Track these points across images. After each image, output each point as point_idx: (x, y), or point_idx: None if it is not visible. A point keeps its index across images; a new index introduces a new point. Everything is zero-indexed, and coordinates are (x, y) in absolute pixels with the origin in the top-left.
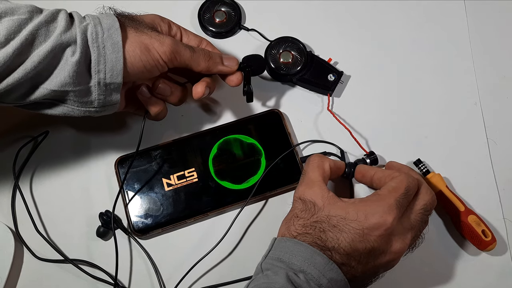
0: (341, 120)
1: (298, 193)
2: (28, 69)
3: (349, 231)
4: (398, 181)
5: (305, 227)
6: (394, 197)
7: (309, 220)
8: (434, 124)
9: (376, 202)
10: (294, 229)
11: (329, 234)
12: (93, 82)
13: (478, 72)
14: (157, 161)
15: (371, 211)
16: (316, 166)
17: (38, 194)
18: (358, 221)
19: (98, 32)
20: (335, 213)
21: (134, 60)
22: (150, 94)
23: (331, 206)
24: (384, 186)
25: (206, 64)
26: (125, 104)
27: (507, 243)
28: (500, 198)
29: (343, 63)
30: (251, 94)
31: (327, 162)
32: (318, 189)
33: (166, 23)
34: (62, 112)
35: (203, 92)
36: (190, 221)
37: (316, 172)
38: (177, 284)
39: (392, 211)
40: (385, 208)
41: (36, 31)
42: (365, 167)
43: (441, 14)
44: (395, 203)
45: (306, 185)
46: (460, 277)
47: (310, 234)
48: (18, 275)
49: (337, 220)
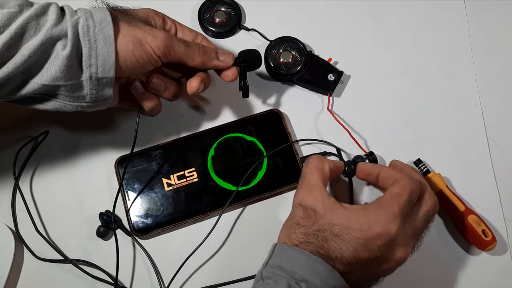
0: (341, 120)
1: (298, 199)
2: (18, 63)
3: (352, 241)
4: (401, 186)
5: (307, 236)
6: (397, 204)
7: (311, 228)
8: (434, 124)
9: (379, 210)
10: (296, 237)
11: (331, 244)
12: (85, 76)
13: (478, 72)
14: (157, 161)
15: (374, 220)
16: (315, 168)
17: (38, 194)
18: (361, 231)
19: (90, 25)
20: (337, 221)
21: (127, 54)
22: (144, 89)
23: (333, 213)
24: (387, 191)
25: (201, 59)
26: (118, 99)
27: (507, 243)
28: (500, 198)
29: (343, 63)
30: (247, 90)
31: (327, 164)
32: (318, 194)
33: (160, 17)
34: (54, 107)
35: (197, 87)
36: (190, 221)
37: (315, 175)
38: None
39: (396, 220)
40: (389, 217)
41: (26, 25)
42: (367, 165)
43: (441, 14)
44: (399, 211)
45: (306, 189)
46: (460, 277)
47: (312, 243)
48: (18, 275)
49: (340, 229)
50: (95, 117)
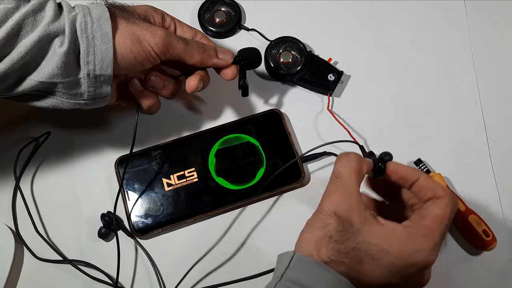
0: (341, 120)
1: (333, 204)
2: (14, 59)
3: (389, 268)
4: (443, 207)
5: (340, 253)
6: (439, 230)
7: (345, 245)
8: (434, 124)
9: (423, 238)
10: (326, 252)
11: (366, 267)
12: (82, 73)
13: (478, 72)
14: (157, 161)
15: (417, 249)
16: (354, 169)
17: (39, 194)
18: (401, 258)
19: (88, 22)
20: (375, 242)
21: (125, 51)
22: (142, 87)
23: (369, 230)
24: (429, 212)
25: (200, 56)
26: (116, 97)
27: (507, 243)
28: (500, 198)
29: (343, 63)
30: (247, 88)
31: (365, 165)
32: (356, 202)
33: (159, 14)
34: (51, 104)
35: (196, 85)
36: (190, 221)
37: (353, 178)
38: (177, 284)
39: (437, 249)
40: (431, 246)
41: (23, 21)
42: (401, 166)
43: (441, 14)
44: (439, 238)
45: (343, 194)
46: (460, 277)
47: (344, 263)
48: (18, 275)
49: (377, 251)
50: (94, 117)
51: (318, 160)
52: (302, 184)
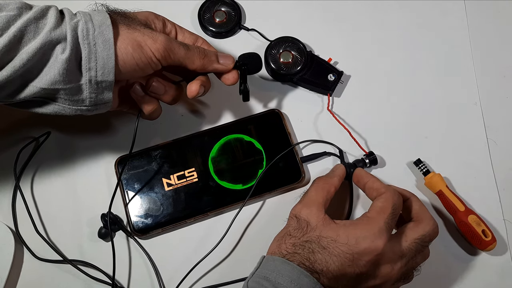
0: (341, 120)
1: (294, 211)
2: (17, 66)
3: (339, 255)
4: (384, 200)
5: (295, 246)
6: (383, 219)
7: (300, 239)
8: (434, 124)
9: (366, 225)
10: (285, 247)
11: (318, 256)
12: (84, 80)
13: (478, 72)
14: (157, 161)
15: (362, 236)
16: (320, 188)
17: (39, 194)
18: (349, 246)
19: (89, 29)
20: (326, 234)
21: (126, 57)
22: (143, 93)
23: (324, 227)
24: (372, 206)
25: (201, 62)
26: (118, 103)
27: (507, 243)
28: (500, 198)
29: (343, 63)
30: (248, 93)
31: (333, 187)
32: (315, 209)
33: (160, 20)
34: (53, 110)
35: (197, 91)
36: (190, 221)
37: (319, 194)
38: (177, 285)
39: (383, 235)
40: (376, 232)
41: (25, 28)
42: (362, 172)
43: (441, 14)
44: (385, 226)
45: (305, 204)
46: (460, 277)
47: (299, 254)
48: (18, 275)
49: (327, 242)
50: (95, 119)
51: (318, 160)
52: (302, 184)
